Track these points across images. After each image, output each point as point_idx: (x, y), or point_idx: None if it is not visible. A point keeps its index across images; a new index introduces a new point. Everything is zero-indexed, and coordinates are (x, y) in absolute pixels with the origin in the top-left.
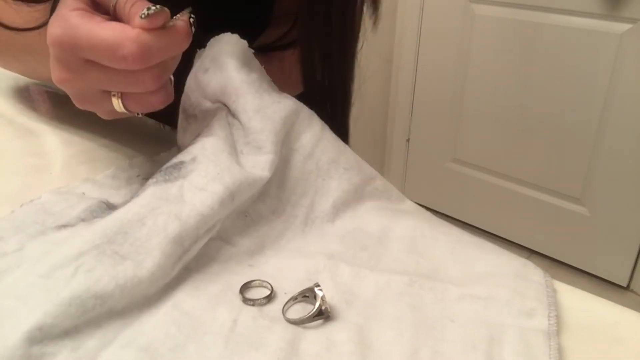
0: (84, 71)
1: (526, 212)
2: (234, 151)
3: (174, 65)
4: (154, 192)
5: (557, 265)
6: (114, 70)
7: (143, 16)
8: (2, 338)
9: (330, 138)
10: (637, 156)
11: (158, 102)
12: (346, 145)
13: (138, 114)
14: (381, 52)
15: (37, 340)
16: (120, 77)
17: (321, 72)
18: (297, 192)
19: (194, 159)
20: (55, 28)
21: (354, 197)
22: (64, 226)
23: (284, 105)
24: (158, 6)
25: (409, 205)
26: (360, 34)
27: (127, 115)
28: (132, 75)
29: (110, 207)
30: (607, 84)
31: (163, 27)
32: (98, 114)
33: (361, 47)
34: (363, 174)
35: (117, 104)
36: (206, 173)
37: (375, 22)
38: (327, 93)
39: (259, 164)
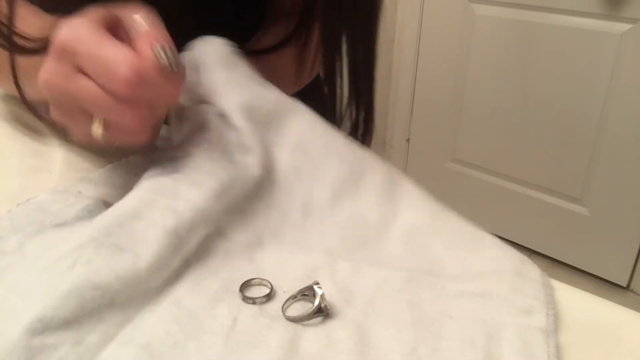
0: (74, 80)
1: (526, 212)
2: (226, 149)
3: (162, 114)
4: (148, 185)
5: (557, 265)
6: (102, 92)
7: (157, 55)
8: (4, 331)
9: (320, 126)
10: (637, 156)
11: (137, 140)
12: (338, 133)
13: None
14: (381, 52)
15: (37, 332)
16: (106, 101)
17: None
18: (290, 183)
19: (188, 154)
20: (63, 29)
21: (352, 182)
22: (63, 225)
23: (267, 100)
24: (173, 52)
25: (409, 187)
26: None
27: (99, 144)
28: (118, 106)
29: (108, 207)
30: (607, 84)
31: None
32: (70, 134)
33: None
34: (358, 156)
35: (96, 128)
36: (201, 168)
37: None
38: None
39: (249, 165)
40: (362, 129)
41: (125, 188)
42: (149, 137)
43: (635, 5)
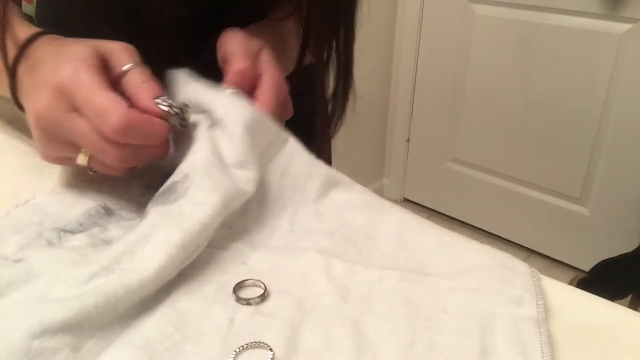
0: (69, 117)
1: (526, 212)
2: (222, 164)
3: (145, 159)
4: (155, 212)
5: (557, 265)
6: (94, 133)
7: (160, 105)
8: (6, 333)
9: (302, 154)
10: (637, 156)
11: (116, 174)
12: (318, 161)
13: (92, 173)
14: (381, 52)
15: (37, 334)
16: (96, 141)
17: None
18: (278, 206)
19: (186, 177)
20: (63, 72)
21: (332, 204)
22: (63, 230)
23: (266, 127)
24: (172, 103)
25: (388, 204)
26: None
27: (78, 168)
28: (104, 144)
29: (108, 212)
30: (607, 84)
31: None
32: (43, 155)
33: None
34: (338, 183)
35: (82, 158)
36: (201, 187)
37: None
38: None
39: (243, 179)
40: (342, 86)
41: (123, 188)
42: (127, 172)
43: (635, 5)
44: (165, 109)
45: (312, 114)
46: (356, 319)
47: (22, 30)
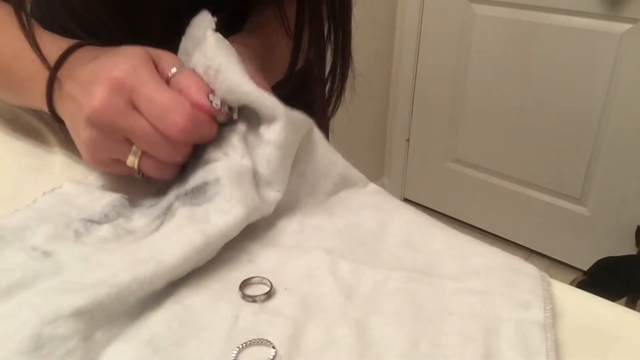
0: (128, 114)
1: (526, 212)
2: (252, 177)
3: (190, 154)
4: (181, 216)
5: (557, 265)
6: (156, 132)
7: (216, 106)
8: (23, 321)
9: (323, 150)
10: (637, 156)
11: (170, 174)
12: (337, 155)
13: (139, 176)
14: (381, 52)
15: (49, 321)
16: (158, 140)
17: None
18: (289, 207)
19: (217, 180)
20: (121, 68)
21: (343, 205)
22: (90, 221)
23: (296, 126)
24: (220, 101)
25: (399, 202)
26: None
27: (126, 173)
28: (168, 145)
29: (132, 204)
30: (607, 84)
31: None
32: (91, 160)
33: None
34: (352, 183)
35: (132, 161)
36: (231, 197)
37: None
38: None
39: (267, 199)
40: (339, 69)
41: (146, 183)
42: (176, 173)
43: (635, 5)
44: (218, 107)
45: (309, 111)
46: (360, 319)
47: (48, 39)
